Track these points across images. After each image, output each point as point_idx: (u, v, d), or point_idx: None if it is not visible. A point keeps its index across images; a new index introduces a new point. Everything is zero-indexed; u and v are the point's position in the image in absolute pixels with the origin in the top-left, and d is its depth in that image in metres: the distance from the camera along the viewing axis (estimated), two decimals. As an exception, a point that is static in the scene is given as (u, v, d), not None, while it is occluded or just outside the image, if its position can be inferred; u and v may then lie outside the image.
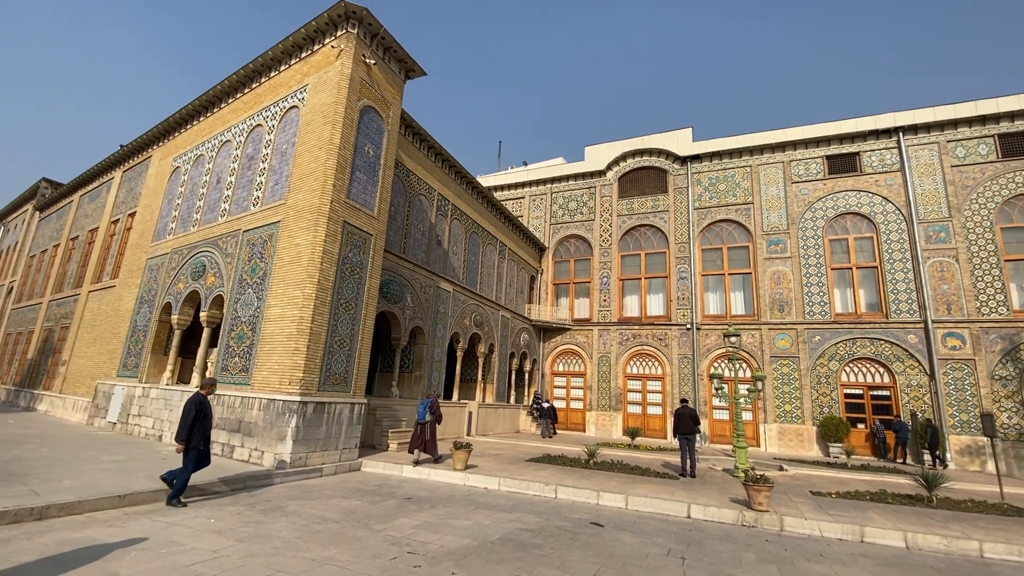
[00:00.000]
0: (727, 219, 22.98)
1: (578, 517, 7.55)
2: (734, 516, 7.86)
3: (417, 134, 16.19)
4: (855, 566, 5.88)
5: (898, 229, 19.96)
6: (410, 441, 11.26)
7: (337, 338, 10.73)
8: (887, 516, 8.07)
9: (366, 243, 11.72)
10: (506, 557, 5.42)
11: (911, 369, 18.63)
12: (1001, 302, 17.95)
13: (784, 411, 20.02)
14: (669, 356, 22.45)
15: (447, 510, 7.50)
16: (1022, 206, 18.64)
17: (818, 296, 20.53)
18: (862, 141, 21.31)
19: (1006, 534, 7.24)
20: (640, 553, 5.87)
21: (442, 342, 16.88)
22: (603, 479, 10.19)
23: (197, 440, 7.01)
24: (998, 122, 19.44)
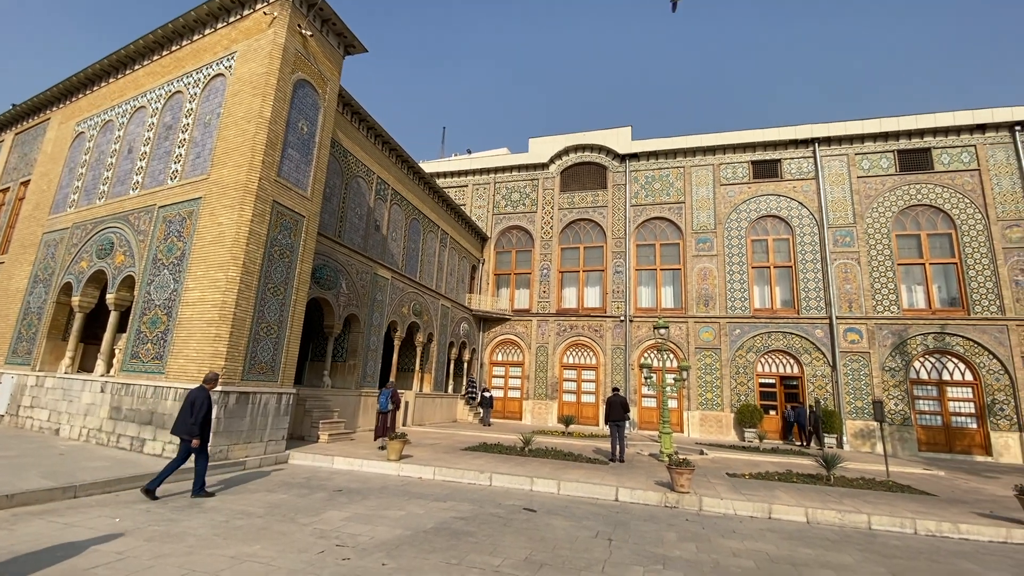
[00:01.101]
0: (661, 217, 23.98)
1: (512, 504, 7.67)
2: (658, 498, 8.30)
3: (356, 113, 15.55)
4: (763, 540, 6.39)
5: (811, 232, 21.73)
6: (375, 430, 11.93)
7: (264, 324, 10.16)
8: (792, 494, 8.85)
9: (298, 225, 11.14)
10: (439, 546, 5.41)
11: (817, 360, 20.45)
12: (893, 301, 20.08)
13: (706, 399, 21.35)
14: (603, 347, 23.22)
15: (379, 501, 7.36)
16: (914, 216, 20.87)
17: (739, 292, 21.98)
18: (783, 149, 22.92)
19: (890, 507, 8.15)
20: (570, 536, 6.05)
21: (379, 331, 16.46)
22: (537, 466, 10.41)
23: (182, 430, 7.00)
24: (898, 139, 21.58)
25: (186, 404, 7.06)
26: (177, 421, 7.09)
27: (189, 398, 7.08)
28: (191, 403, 7.04)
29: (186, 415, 7.00)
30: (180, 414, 7.09)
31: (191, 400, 7.06)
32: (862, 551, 6.15)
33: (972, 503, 9.04)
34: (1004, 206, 19.79)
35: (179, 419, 7.07)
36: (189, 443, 6.98)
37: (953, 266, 20.04)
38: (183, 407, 7.09)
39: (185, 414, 7.01)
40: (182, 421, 7.01)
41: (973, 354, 18.93)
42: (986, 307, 19.14)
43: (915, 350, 19.47)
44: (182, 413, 7.06)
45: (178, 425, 7.04)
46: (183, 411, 7.06)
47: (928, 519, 7.39)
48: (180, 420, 7.05)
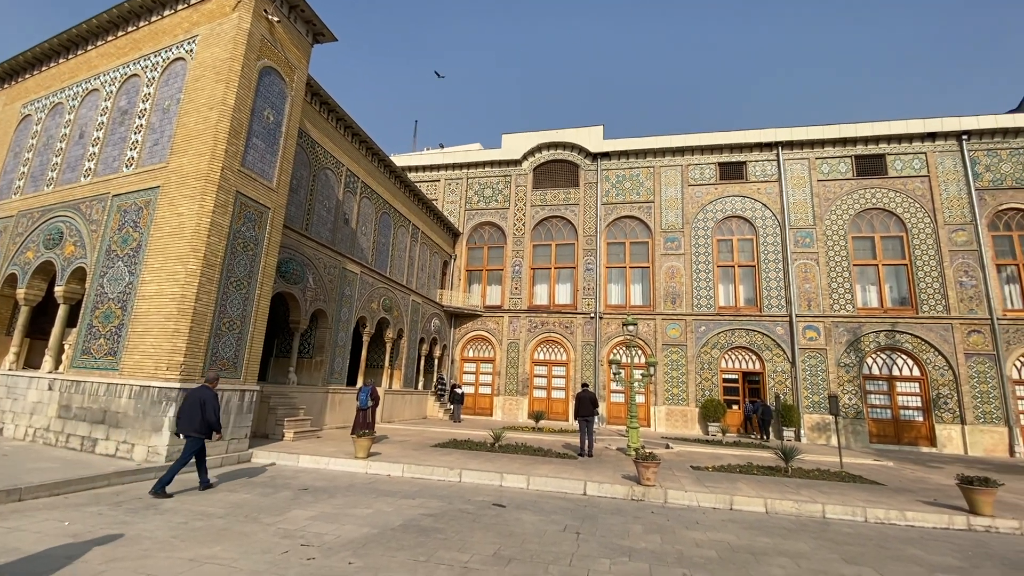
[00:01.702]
0: (631, 216, 24.35)
1: (481, 499, 7.67)
2: (625, 491, 8.45)
3: (325, 103, 15.18)
4: (724, 531, 6.60)
5: (773, 233, 22.47)
6: (353, 426, 12.17)
7: (226, 319, 9.83)
8: (752, 486, 9.16)
9: (262, 217, 10.81)
10: (407, 543, 5.37)
11: (777, 357, 21.20)
12: (848, 300, 21.00)
13: (672, 394, 21.86)
14: (574, 343, 23.46)
15: (346, 499, 7.25)
16: (869, 219, 21.85)
17: (705, 290, 22.56)
18: (748, 152, 23.60)
19: (843, 497, 8.54)
20: (539, 531, 6.10)
21: (347, 326, 16.17)
22: (507, 461, 10.44)
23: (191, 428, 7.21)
24: (855, 145, 22.52)
25: (192, 404, 7.27)
26: (182, 421, 7.27)
27: (196, 397, 7.30)
28: (200, 402, 7.27)
29: (194, 414, 7.21)
30: (185, 413, 7.26)
31: (200, 400, 7.29)
32: (816, 539, 6.42)
33: (918, 492, 9.55)
34: (951, 211, 20.93)
35: (184, 419, 7.26)
36: (200, 440, 7.31)
37: (904, 267, 21.10)
38: (187, 406, 7.28)
39: (193, 413, 7.22)
40: (188, 420, 7.22)
41: (920, 351, 19.99)
42: (933, 306, 20.22)
43: (868, 347, 20.43)
44: (187, 412, 7.24)
45: (184, 424, 7.24)
46: (189, 410, 7.24)
47: (877, 507, 7.78)
48: (186, 420, 7.24)
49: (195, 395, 7.36)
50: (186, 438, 7.28)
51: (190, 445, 7.23)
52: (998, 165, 21.05)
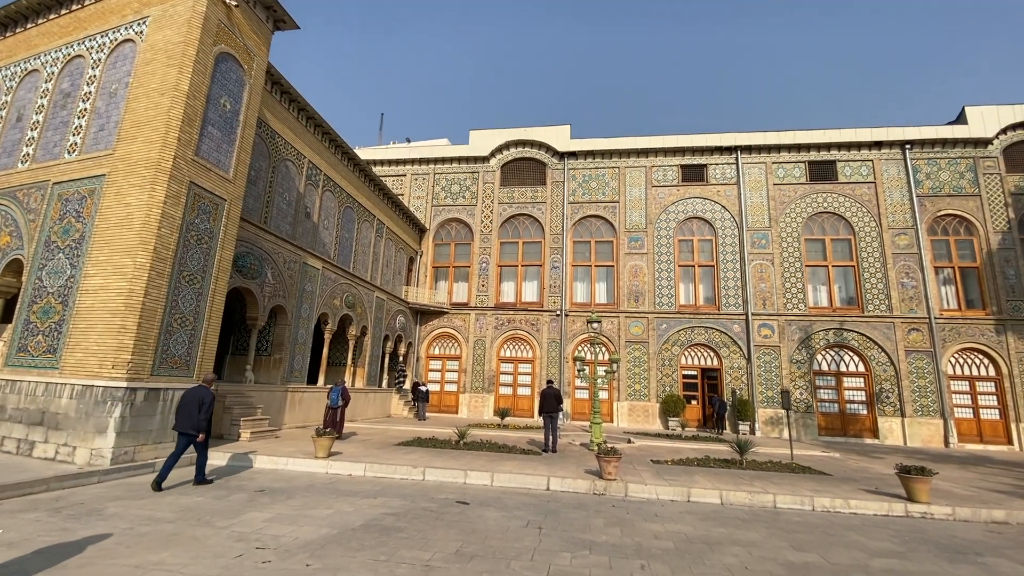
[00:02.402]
0: (596, 215, 24.69)
1: (444, 497, 7.64)
2: (587, 486, 8.59)
3: (286, 93, 14.72)
4: (682, 522, 6.80)
5: (732, 234, 23.25)
6: (323, 424, 12.33)
7: (178, 315, 9.41)
8: (709, 478, 9.47)
9: (218, 209, 10.40)
10: (368, 543, 5.29)
11: (734, 354, 21.98)
12: (801, 300, 21.97)
13: (635, 390, 22.33)
14: (540, 340, 23.63)
15: (305, 500, 7.08)
16: (820, 222, 22.89)
17: (666, 289, 23.13)
18: (709, 155, 24.31)
19: (792, 487, 8.94)
20: (502, 527, 6.13)
21: (307, 323, 15.75)
22: (471, 458, 10.43)
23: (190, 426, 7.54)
24: (809, 151, 23.54)
25: (190, 402, 7.60)
26: (180, 418, 7.60)
27: (196, 397, 7.63)
28: (198, 401, 7.62)
29: (192, 412, 7.55)
30: (182, 411, 7.60)
31: (198, 399, 7.64)
32: (768, 528, 6.70)
33: (861, 481, 10.10)
34: (894, 216, 22.17)
35: (181, 416, 7.59)
36: (195, 437, 7.57)
37: (851, 268, 22.23)
38: (185, 405, 7.61)
39: (191, 411, 7.56)
40: (186, 417, 7.55)
41: (865, 348, 21.13)
42: (877, 306, 21.40)
43: (818, 344, 21.44)
44: (185, 410, 7.58)
45: (181, 421, 7.57)
46: (187, 408, 7.58)
47: (824, 496, 8.19)
48: (183, 417, 7.57)
49: (194, 394, 7.68)
50: (183, 435, 7.58)
51: (183, 440, 7.59)
52: (937, 173, 22.43)
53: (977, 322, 20.67)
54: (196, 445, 7.68)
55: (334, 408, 12.55)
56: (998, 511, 7.81)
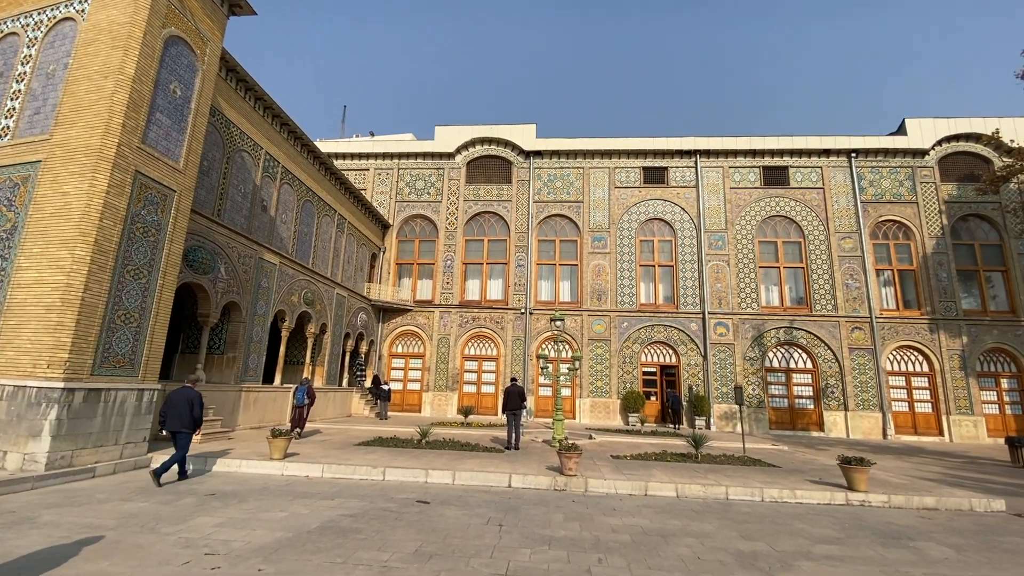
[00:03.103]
0: (561, 214, 24.94)
1: (404, 497, 7.55)
2: (548, 482, 8.68)
3: (243, 81, 14.15)
4: (639, 516, 6.97)
5: (690, 235, 23.97)
6: (290, 423, 13.16)
7: (122, 312, 8.92)
8: (666, 472, 9.74)
9: (166, 200, 9.90)
10: (324, 545, 5.17)
11: (691, 351, 22.68)
12: (754, 299, 22.88)
13: (596, 387, 22.72)
14: (504, 338, 23.68)
15: (259, 503, 6.85)
16: (773, 225, 23.90)
17: (628, 288, 23.63)
18: (670, 158, 24.96)
19: (744, 479, 9.30)
20: (462, 525, 6.12)
21: (263, 320, 15.23)
22: (433, 457, 10.36)
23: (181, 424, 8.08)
24: (763, 156, 24.51)
25: (179, 402, 8.10)
26: (171, 417, 8.04)
27: (185, 397, 8.16)
28: (188, 400, 8.16)
29: (183, 411, 8.08)
30: (172, 411, 8.06)
31: (188, 398, 8.17)
32: (720, 519, 6.96)
33: (807, 472, 10.63)
34: (840, 220, 23.39)
35: (172, 417, 8.04)
36: (191, 435, 8.25)
37: (801, 270, 23.31)
38: (174, 405, 8.08)
39: (181, 411, 8.07)
40: (179, 417, 8.05)
41: (813, 345, 22.22)
42: (824, 306, 22.54)
43: (770, 342, 22.39)
44: (175, 410, 8.06)
45: (172, 422, 8.04)
46: (176, 409, 8.07)
47: (772, 487, 8.57)
48: (175, 417, 8.04)
49: (182, 395, 8.19)
50: (175, 434, 8.07)
51: (183, 440, 8.13)
52: (879, 181, 23.79)
53: (913, 321, 22.07)
54: (182, 441, 8.11)
55: (299, 407, 12.85)
56: (929, 498, 8.37)
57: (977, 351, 21.57)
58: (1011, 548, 6.03)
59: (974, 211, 23.07)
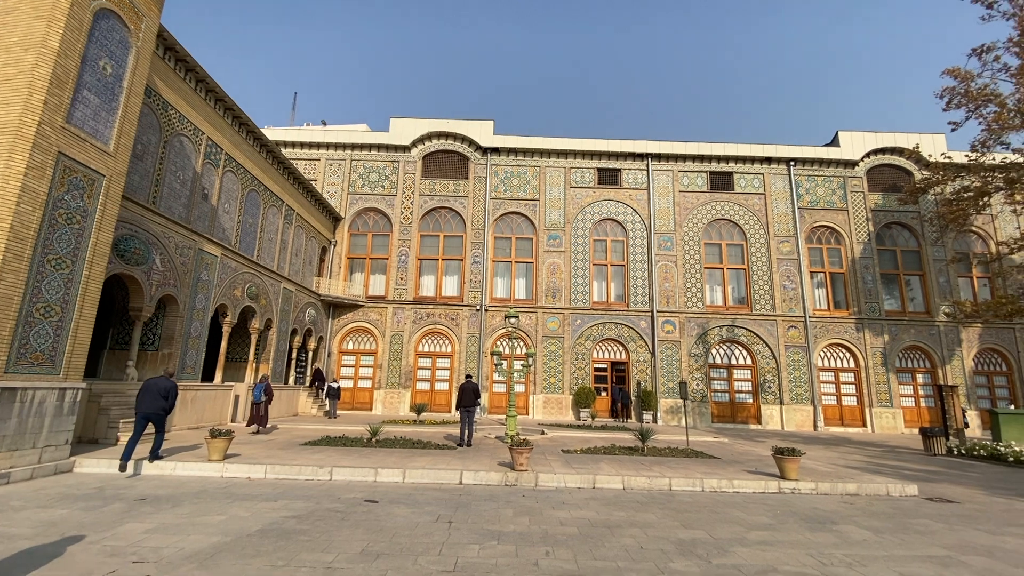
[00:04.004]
0: (517, 212, 25.08)
1: (352, 497, 7.40)
2: (499, 478, 8.74)
3: (183, 61, 13.34)
4: (586, 508, 7.14)
5: (641, 236, 24.70)
6: (248, 419, 14.00)
7: (41, 304, 8.23)
8: (613, 465, 10.02)
9: (94, 185, 9.21)
10: (265, 549, 4.99)
11: (640, 348, 23.41)
12: (700, 298, 23.87)
13: (550, 383, 23.04)
14: (459, 335, 23.57)
15: (195, 507, 6.52)
16: (718, 228, 24.99)
17: (582, 286, 24.09)
18: (623, 160, 25.60)
19: (686, 471, 9.71)
20: (411, 523, 6.06)
21: (203, 315, 14.47)
22: (383, 456, 10.19)
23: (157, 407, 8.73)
24: (710, 162, 25.58)
25: (153, 389, 8.71)
26: (144, 401, 8.63)
27: (161, 384, 8.79)
28: (164, 388, 8.79)
29: (156, 397, 8.67)
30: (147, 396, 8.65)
31: (163, 387, 8.80)
32: (663, 509, 7.23)
33: (744, 463, 11.21)
34: (779, 225, 24.76)
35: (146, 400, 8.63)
36: (164, 418, 8.87)
37: (743, 271, 24.53)
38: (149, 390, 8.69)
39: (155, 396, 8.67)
40: (151, 401, 8.64)
41: (753, 343, 23.45)
42: (763, 305, 23.81)
43: (713, 339, 23.44)
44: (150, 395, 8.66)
45: (147, 404, 8.63)
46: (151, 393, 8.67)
47: (712, 478, 8.99)
48: (148, 400, 8.63)
49: (159, 383, 8.82)
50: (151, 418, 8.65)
51: (161, 421, 8.83)
52: (815, 189, 25.36)
53: (842, 321, 23.71)
54: (160, 423, 8.78)
55: (257, 403, 13.46)
56: (851, 484, 9.04)
57: (897, 349, 23.44)
58: (922, 529, 6.60)
59: (896, 219, 25.04)
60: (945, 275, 24.23)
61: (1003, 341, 23.67)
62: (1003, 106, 15.69)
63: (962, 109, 16.34)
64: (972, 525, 6.88)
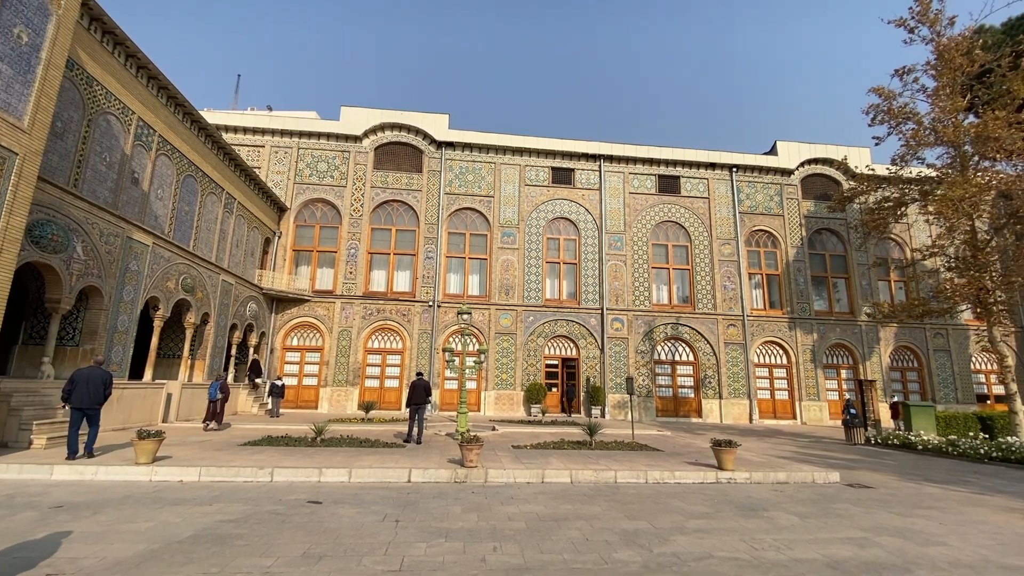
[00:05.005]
0: (472, 207, 24.95)
1: (294, 498, 7.14)
2: (449, 475, 8.69)
3: (111, 33, 12.34)
4: (535, 503, 7.23)
5: (593, 235, 25.22)
6: (205, 416, 14.35)
7: (-62, 294, 7.41)
8: (562, 460, 10.20)
9: (5, 164, 8.37)
10: (197, 555, 4.73)
11: (590, 345, 23.93)
12: (647, 297, 24.68)
13: (502, 379, 23.13)
14: (411, 331, 23.20)
15: (119, 514, 6.09)
16: (665, 229, 25.90)
17: (535, 283, 24.31)
18: (577, 160, 26.02)
19: (631, 463, 10.02)
20: (356, 524, 5.92)
21: (131, 308, 13.49)
22: (328, 455, 9.90)
23: (95, 402, 8.82)
24: (659, 165, 26.44)
25: (94, 382, 8.74)
26: (82, 394, 8.62)
27: (96, 375, 8.80)
28: (100, 380, 8.83)
29: (92, 390, 8.68)
30: (85, 389, 8.64)
31: (100, 378, 8.84)
32: (608, 501, 7.44)
33: (686, 455, 11.70)
34: (721, 228, 25.96)
35: (86, 393, 8.64)
36: (98, 411, 8.89)
37: (687, 271, 25.55)
38: (83, 382, 8.67)
39: (91, 389, 8.68)
40: (90, 395, 8.66)
41: (695, 340, 24.49)
42: (705, 304, 24.92)
43: (659, 337, 24.30)
44: (84, 388, 8.64)
45: (84, 398, 8.63)
46: (86, 386, 8.65)
47: (655, 470, 9.33)
48: (89, 393, 8.66)
49: (96, 374, 8.83)
50: (85, 411, 8.69)
51: (96, 415, 8.88)
52: (754, 195, 26.75)
53: (776, 320, 25.19)
54: (92, 419, 8.76)
55: (213, 401, 13.95)
56: (781, 473, 9.63)
57: (824, 346, 25.17)
58: (842, 513, 7.13)
59: (826, 226, 26.85)
60: (867, 278, 26.25)
61: (915, 340, 25.93)
62: (920, 124, 17.11)
63: (885, 125, 17.69)
64: (886, 508, 7.50)
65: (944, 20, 16.69)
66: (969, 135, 16.13)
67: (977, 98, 17.00)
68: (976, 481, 10.10)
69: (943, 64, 16.43)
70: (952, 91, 16.40)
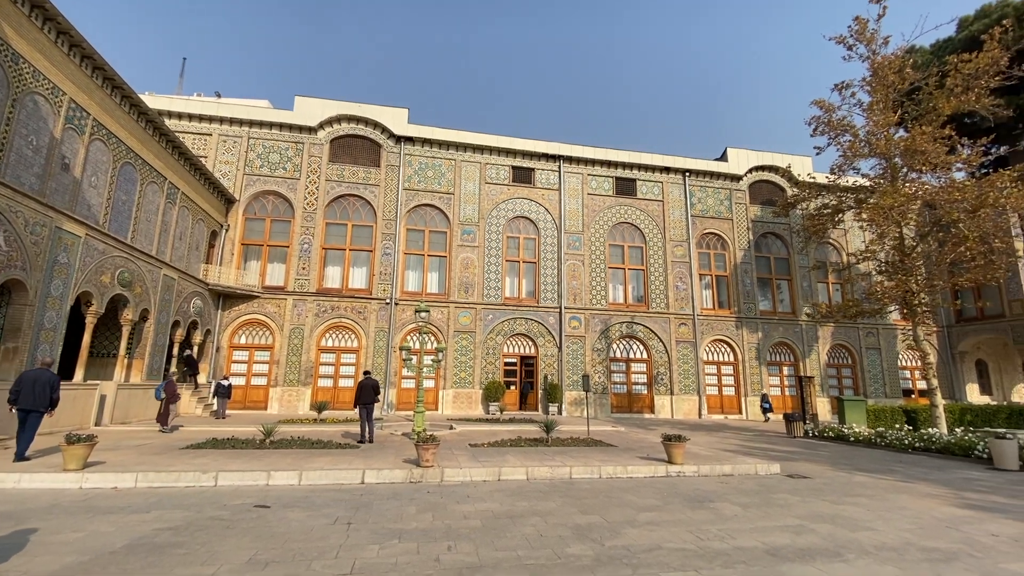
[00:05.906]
0: (431, 204, 24.68)
1: (240, 503, 6.86)
2: (404, 475, 8.58)
3: (39, 7, 11.42)
4: (491, 501, 7.25)
5: (552, 235, 25.50)
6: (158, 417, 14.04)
7: None
8: (519, 457, 10.27)
9: (-88, 145, 7.60)
10: (131, 566, 4.47)
11: (548, 343, 24.20)
12: (603, 296, 25.20)
13: (460, 378, 23.03)
14: (367, 329, 22.72)
15: (45, 524, 5.67)
16: (622, 230, 26.50)
17: (494, 282, 24.34)
18: (537, 160, 26.21)
19: (585, 459, 10.21)
20: (306, 527, 5.76)
21: (60, 303, 12.55)
22: (278, 458, 9.56)
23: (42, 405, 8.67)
24: (617, 168, 27.02)
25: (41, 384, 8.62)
26: (26, 398, 8.49)
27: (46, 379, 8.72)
28: (47, 382, 8.69)
29: (38, 391, 8.54)
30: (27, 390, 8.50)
31: (47, 380, 8.72)
32: (563, 497, 7.55)
33: (638, 450, 12.04)
34: (674, 230, 26.83)
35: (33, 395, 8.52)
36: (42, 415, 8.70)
37: (642, 272, 26.27)
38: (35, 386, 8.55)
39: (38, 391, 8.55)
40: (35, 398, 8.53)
41: (648, 338, 25.22)
42: (659, 304, 25.70)
43: (614, 335, 24.87)
44: (31, 389, 8.51)
45: (30, 401, 8.50)
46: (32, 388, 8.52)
47: (608, 465, 9.55)
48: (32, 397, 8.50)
49: (43, 376, 8.72)
50: (29, 413, 8.52)
51: (36, 420, 8.62)
52: (706, 199, 27.79)
53: (724, 319, 26.29)
54: (31, 423, 8.51)
55: (160, 401, 13.87)
56: (727, 466, 10.07)
57: (768, 344, 26.48)
58: (781, 503, 7.54)
59: (771, 230, 28.24)
60: (808, 280, 27.80)
61: (850, 338, 27.70)
62: (856, 136, 18.25)
63: (825, 136, 18.78)
64: (820, 497, 7.99)
65: (879, 39, 17.84)
66: (899, 148, 17.34)
67: (907, 113, 18.26)
68: (901, 470, 10.90)
69: (877, 81, 17.58)
70: (885, 106, 17.57)
